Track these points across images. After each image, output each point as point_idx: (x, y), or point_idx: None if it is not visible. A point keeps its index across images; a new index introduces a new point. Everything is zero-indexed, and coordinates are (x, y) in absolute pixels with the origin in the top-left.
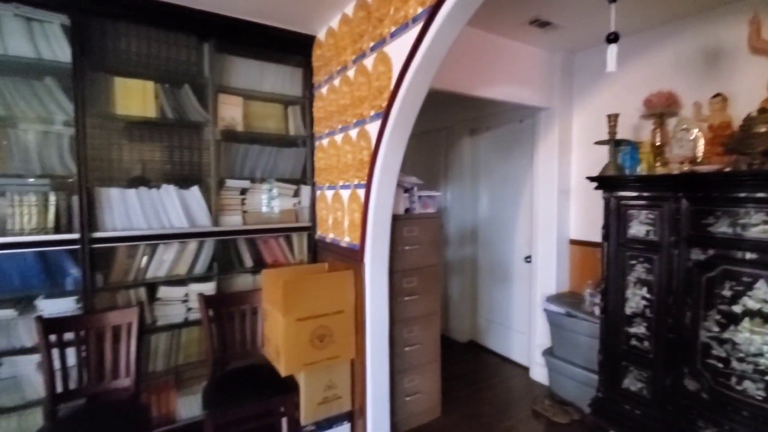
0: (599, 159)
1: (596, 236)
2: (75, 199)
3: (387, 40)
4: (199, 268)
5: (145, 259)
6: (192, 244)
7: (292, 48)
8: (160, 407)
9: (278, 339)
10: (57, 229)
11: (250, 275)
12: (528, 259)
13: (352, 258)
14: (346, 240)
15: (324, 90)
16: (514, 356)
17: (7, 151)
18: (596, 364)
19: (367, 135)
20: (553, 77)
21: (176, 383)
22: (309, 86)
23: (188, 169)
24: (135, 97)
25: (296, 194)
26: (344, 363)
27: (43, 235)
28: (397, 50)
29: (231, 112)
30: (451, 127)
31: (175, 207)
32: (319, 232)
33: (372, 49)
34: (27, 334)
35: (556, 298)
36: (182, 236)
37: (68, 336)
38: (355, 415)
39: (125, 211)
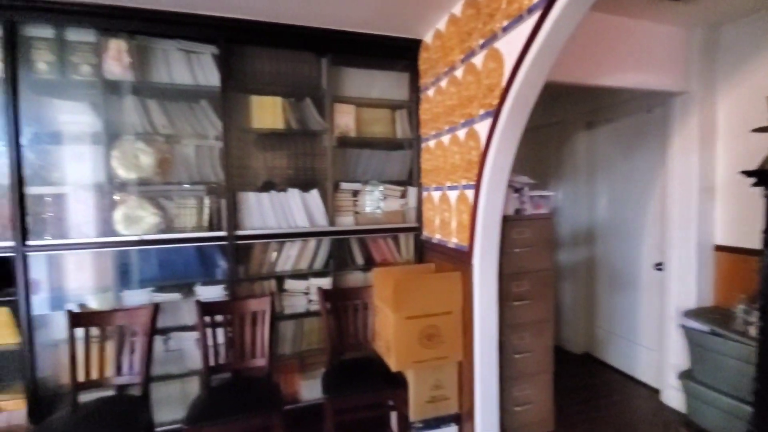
0: (755, 150)
1: (751, 242)
2: (223, 202)
3: (498, 36)
4: (318, 264)
5: (275, 254)
6: (312, 242)
7: (399, 54)
8: (287, 386)
9: (389, 335)
10: (210, 228)
11: (360, 272)
12: (659, 266)
13: (460, 259)
14: (454, 241)
15: (430, 92)
16: (639, 375)
17: (174, 163)
18: (749, 393)
19: (476, 135)
20: (691, 57)
21: (300, 367)
22: (415, 89)
23: (309, 173)
24: (267, 112)
25: (403, 195)
26: (452, 364)
27: (200, 232)
28: (510, 45)
29: (345, 119)
30: (563, 121)
31: (299, 208)
32: (425, 233)
33: (482, 47)
34: (188, 314)
35: (697, 314)
36: (304, 235)
37: (218, 318)
38: (463, 418)
39: (260, 212)
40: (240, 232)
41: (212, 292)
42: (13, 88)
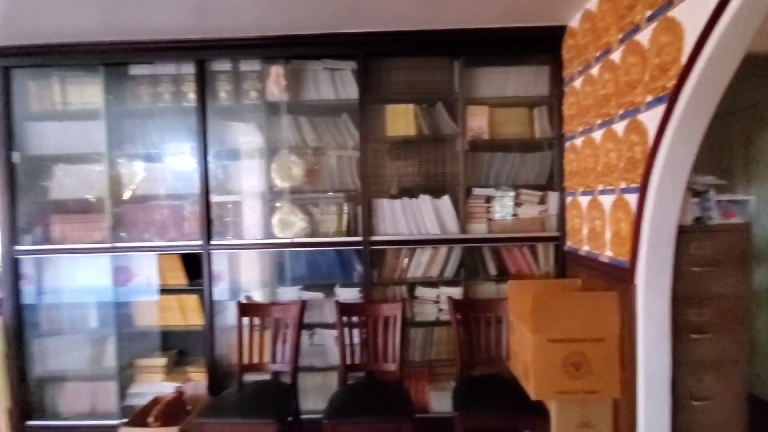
0: None
1: None
2: (359, 208)
3: (674, 1)
4: (449, 272)
5: (406, 260)
6: (443, 250)
7: (538, 45)
8: (416, 394)
9: (526, 357)
10: (348, 233)
11: (493, 284)
12: None
13: (617, 277)
14: (608, 254)
15: (577, 83)
16: None
17: (319, 173)
18: None
19: (640, 127)
20: None
21: (429, 376)
22: (557, 83)
23: (440, 179)
24: (400, 120)
25: (542, 201)
26: (605, 401)
27: (339, 236)
28: (692, 11)
29: (478, 121)
30: (756, 105)
31: (430, 215)
32: (569, 243)
33: (650, 19)
34: (330, 313)
35: None
36: (435, 242)
37: (354, 319)
38: None
39: (392, 218)
40: (374, 238)
41: (349, 294)
42: (202, 115)
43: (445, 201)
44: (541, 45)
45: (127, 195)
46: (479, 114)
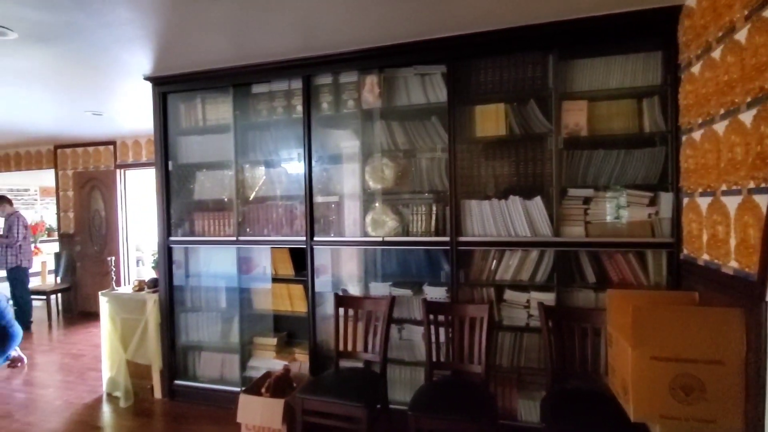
0: None
1: None
2: (447, 209)
3: None
4: (540, 276)
5: (494, 262)
6: (533, 253)
7: (647, 30)
8: (502, 399)
9: (625, 374)
10: (436, 233)
11: (591, 292)
12: None
13: (743, 292)
14: (732, 265)
15: (695, 68)
16: None
17: (409, 175)
18: None
19: None
20: None
21: (517, 383)
22: (672, 69)
23: (531, 180)
24: (490, 120)
25: (652, 203)
26: None
27: (428, 236)
28: None
29: (574, 118)
30: None
31: (520, 217)
32: (685, 251)
33: None
34: (417, 310)
35: None
36: (525, 245)
37: (441, 318)
38: None
39: (481, 220)
40: (462, 238)
41: (436, 293)
42: (308, 125)
43: (537, 202)
44: (650, 29)
45: (249, 196)
46: (576, 109)
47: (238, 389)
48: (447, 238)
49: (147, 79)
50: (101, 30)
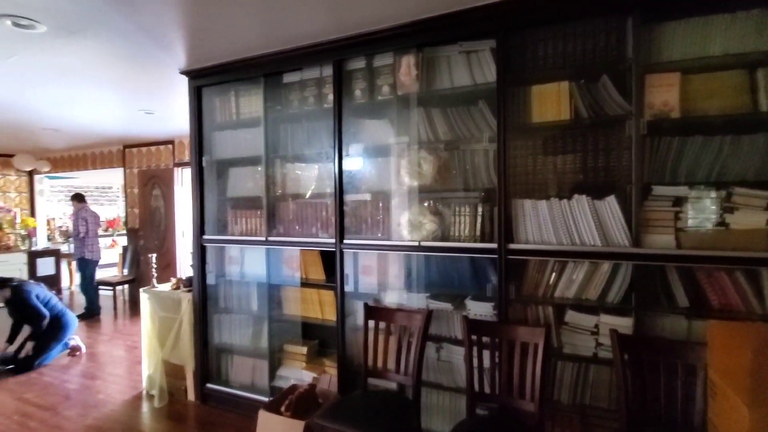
0: None
1: None
2: (496, 210)
3: None
4: (613, 296)
5: (553, 276)
6: (605, 266)
7: None
8: None
9: None
10: (482, 238)
11: (683, 319)
12: None
13: None
14: None
15: None
16: None
17: (451, 170)
18: None
19: None
20: None
21: (581, 425)
22: None
23: (602, 175)
24: (549, 102)
25: None
26: None
27: (472, 242)
28: None
29: (662, 95)
30: None
31: (587, 220)
32: None
33: None
34: (459, 326)
35: None
36: (594, 255)
37: (486, 339)
38: None
39: (537, 223)
40: (513, 245)
41: (481, 309)
42: (339, 115)
43: (610, 203)
44: None
45: (278, 194)
46: (665, 84)
47: (267, 399)
48: (494, 245)
49: (183, 73)
50: (128, 19)
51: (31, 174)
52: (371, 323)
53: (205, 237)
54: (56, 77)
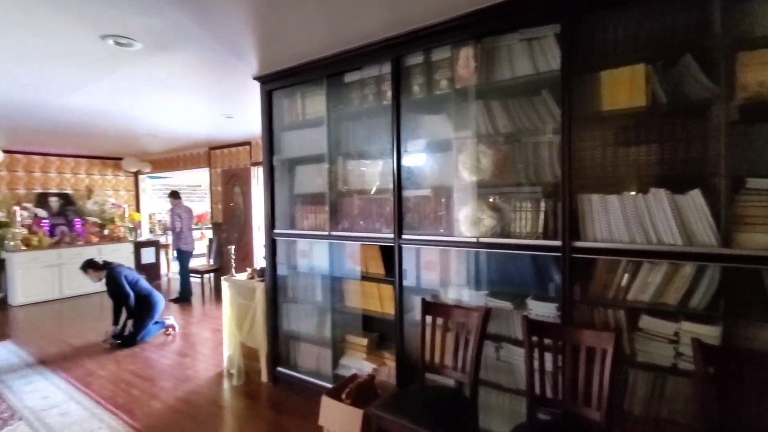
0: None
1: None
2: (560, 206)
3: None
4: (696, 301)
5: (626, 277)
6: (687, 268)
7: None
8: None
9: None
10: (545, 235)
11: None
12: None
13: None
14: None
15: None
16: None
17: (511, 163)
18: None
19: None
20: None
21: None
22: None
23: (683, 166)
24: (622, 88)
25: None
26: None
27: (534, 239)
28: None
29: (758, 74)
30: None
31: (666, 217)
32: None
33: None
34: (519, 327)
35: None
36: (674, 256)
37: (548, 341)
38: None
39: (606, 219)
40: (579, 243)
41: (543, 309)
42: (397, 111)
43: (694, 198)
44: None
45: (340, 190)
46: (761, 62)
47: (330, 386)
48: (558, 242)
49: (255, 78)
50: (208, 33)
51: (136, 174)
52: (428, 319)
53: (276, 231)
54: (152, 88)
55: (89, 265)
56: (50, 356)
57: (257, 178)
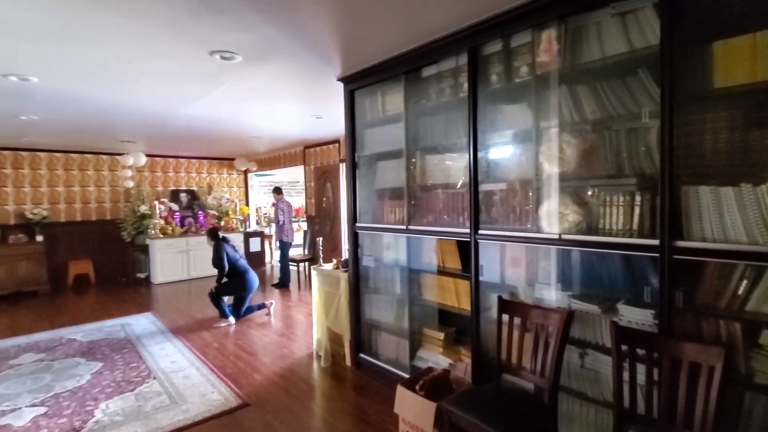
0: None
1: None
2: (659, 200)
3: None
4: None
5: (744, 284)
6: None
7: None
8: None
9: None
10: (640, 233)
11: None
12: None
13: None
14: None
15: None
16: None
17: (600, 153)
18: None
19: None
20: None
21: None
22: None
23: None
24: (739, 60)
25: None
26: None
27: (627, 237)
28: None
29: None
30: None
31: None
32: None
33: None
34: (608, 334)
35: None
36: None
37: (640, 351)
38: None
39: (718, 216)
40: (681, 243)
41: (636, 316)
42: (473, 103)
43: None
44: None
45: (417, 184)
46: None
47: (407, 376)
48: (655, 241)
49: (339, 80)
50: (297, 43)
51: (245, 172)
52: (505, 317)
53: (357, 224)
54: (253, 96)
55: (210, 233)
56: (179, 327)
57: (344, 174)
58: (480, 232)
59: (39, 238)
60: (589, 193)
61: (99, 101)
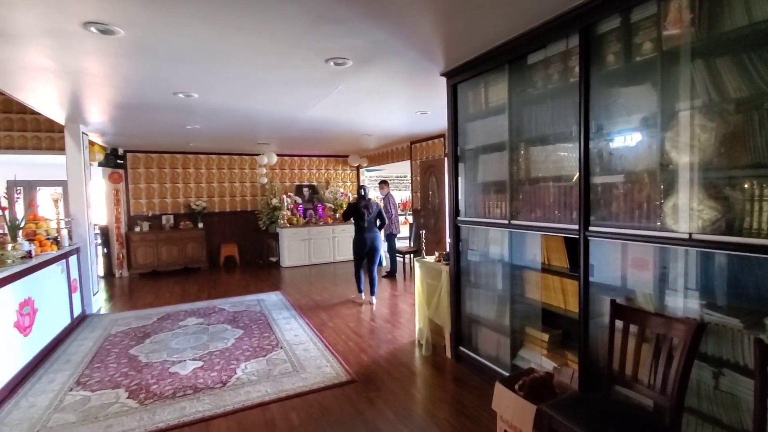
0: None
1: None
2: None
3: None
4: None
5: None
6: None
7: None
8: None
9: None
10: None
11: None
12: None
13: None
14: None
15: None
16: None
17: (745, 138)
18: None
19: None
20: None
21: None
22: None
23: None
24: None
25: None
26: None
27: None
28: None
29: None
30: None
31: None
32: None
33: None
34: (750, 352)
35: None
36: None
37: None
38: None
39: None
40: None
41: None
42: (585, 88)
43: None
44: None
45: (521, 177)
46: None
47: (507, 374)
48: None
49: (442, 74)
50: (401, 43)
51: (357, 168)
52: (619, 324)
53: (459, 218)
54: (364, 96)
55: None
56: (301, 305)
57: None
58: (590, 228)
59: (200, 225)
60: (731, 185)
61: (241, 110)
